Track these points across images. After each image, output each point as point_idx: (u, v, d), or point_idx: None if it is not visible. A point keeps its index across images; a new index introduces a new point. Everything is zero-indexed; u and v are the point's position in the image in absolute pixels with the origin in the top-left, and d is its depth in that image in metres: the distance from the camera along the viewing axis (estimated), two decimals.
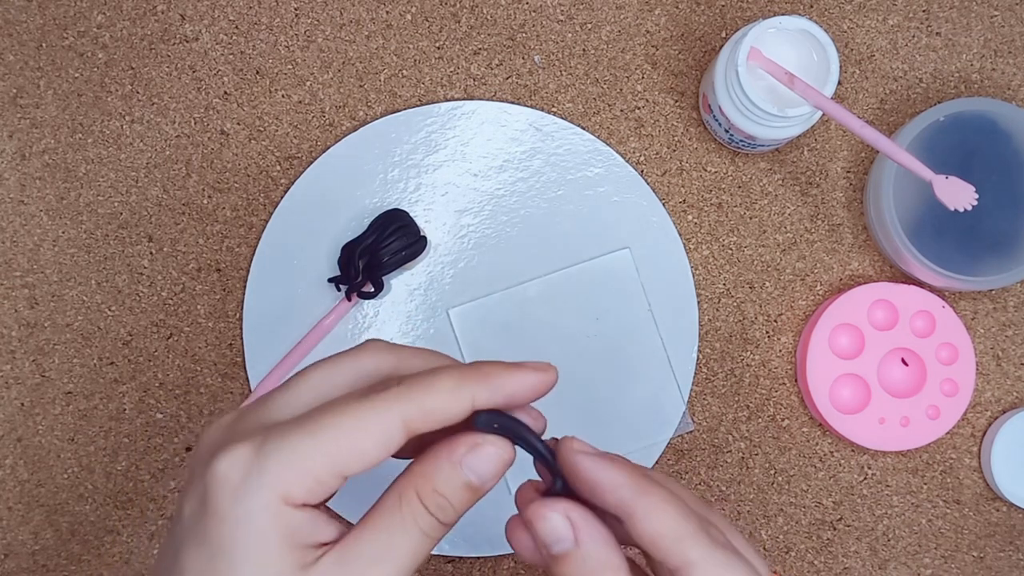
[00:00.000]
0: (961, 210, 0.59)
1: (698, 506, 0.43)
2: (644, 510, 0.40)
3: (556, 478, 0.42)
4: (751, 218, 0.69)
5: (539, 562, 0.43)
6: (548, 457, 0.42)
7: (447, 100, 0.69)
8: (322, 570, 0.39)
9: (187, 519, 0.40)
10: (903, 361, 0.68)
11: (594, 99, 0.69)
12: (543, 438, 0.43)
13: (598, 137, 0.69)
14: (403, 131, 0.68)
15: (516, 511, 0.44)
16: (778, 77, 0.60)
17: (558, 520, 0.41)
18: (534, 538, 0.42)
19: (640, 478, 0.41)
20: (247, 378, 0.68)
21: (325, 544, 0.40)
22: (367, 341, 0.45)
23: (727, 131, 0.65)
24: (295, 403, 0.42)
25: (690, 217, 0.69)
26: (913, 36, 0.70)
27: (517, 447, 0.42)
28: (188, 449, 0.68)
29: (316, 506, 0.40)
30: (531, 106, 0.69)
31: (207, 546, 0.39)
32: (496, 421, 0.41)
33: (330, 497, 0.40)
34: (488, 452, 0.41)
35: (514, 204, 0.69)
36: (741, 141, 0.65)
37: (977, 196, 0.59)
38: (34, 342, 0.68)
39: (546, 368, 0.43)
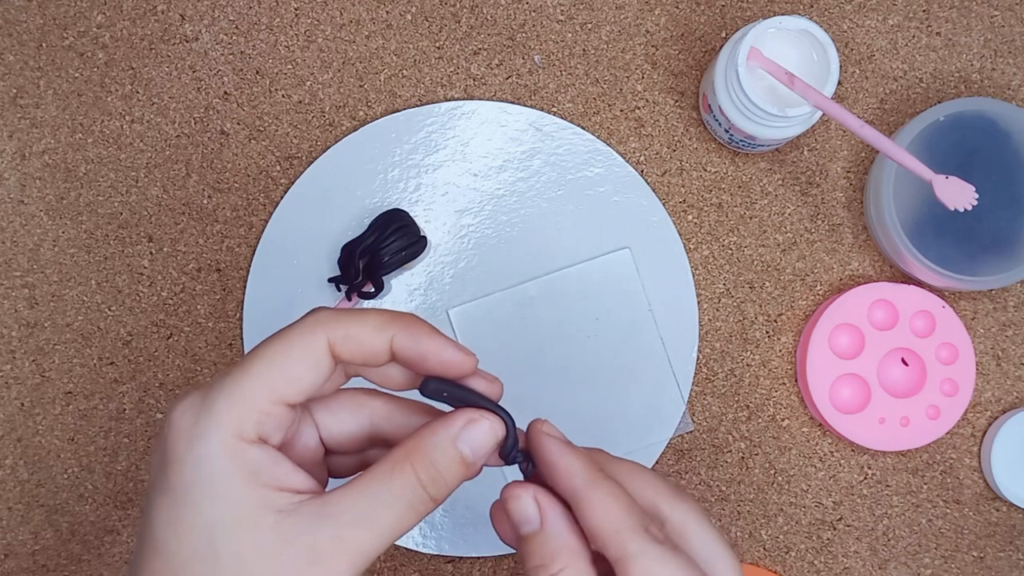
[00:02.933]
0: (961, 210, 0.59)
1: (661, 497, 0.44)
2: (590, 501, 0.41)
3: (514, 452, 0.44)
4: (751, 218, 0.69)
5: (515, 544, 0.45)
6: (508, 423, 0.43)
7: (447, 100, 0.69)
8: (301, 517, 0.40)
9: (153, 475, 0.41)
10: (903, 361, 0.68)
11: (594, 99, 0.69)
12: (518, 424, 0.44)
13: (598, 137, 0.69)
14: (403, 131, 0.68)
15: None
16: (778, 77, 0.60)
17: (528, 501, 0.43)
18: (509, 519, 0.43)
19: (594, 471, 0.42)
20: None
21: (300, 492, 0.40)
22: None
23: (727, 131, 0.65)
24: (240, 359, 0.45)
25: (690, 217, 0.69)
26: (913, 36, 0.70)
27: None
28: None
29: (276, 448, 0.41)
30: (531, 106, 0.69)
31: (171, 493, 0.40)
32: (445, 389, 0.43)
33: (288, 436, 0.42)
34: (483, 427, 0.42)
35: (514, 204, 0.69)
36: (741, 141, 0.65)
37: (977, 196, 0.59)
38: (34, 342, 0.68)
39: (466, 354, 0.43)
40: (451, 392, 0.42)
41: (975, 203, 0.59)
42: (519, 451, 0.43)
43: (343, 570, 0.40)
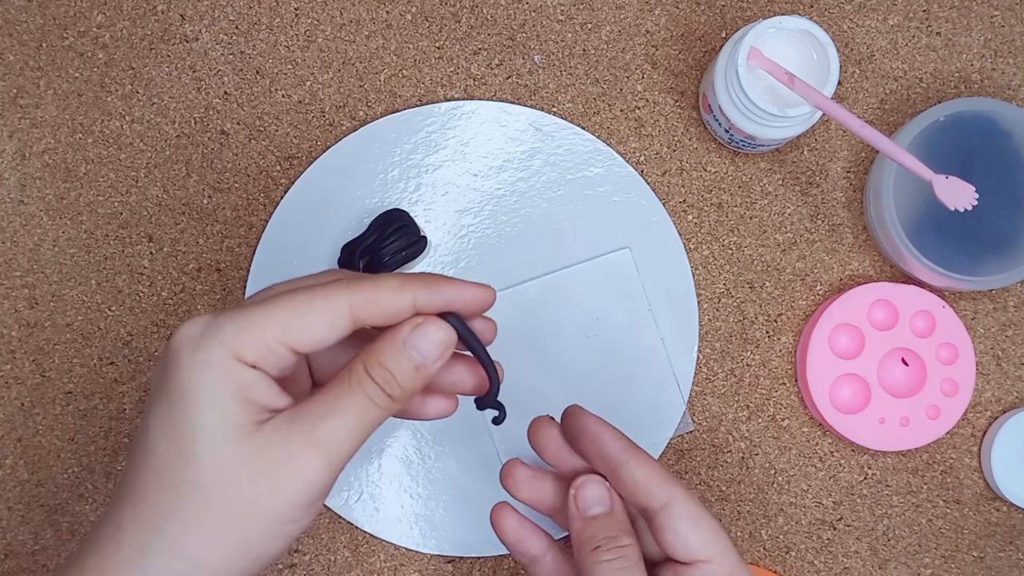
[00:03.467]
0: (961, 210, 0.59)
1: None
2: (636, 460, 0.49)
3: (493, 402, 0.49)
4: (751, 218, 0.69)
5: (519, 541, 0.52)
6: (488, 365, 0.47)
7: (447, 100, 0.69)
8: (275, 424, 0.43)
9: (154, 380, 0.44)
10: (903, 361, 0.68)
11: (594, 99, 0.69)
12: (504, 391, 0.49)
13: (598, 137, 0.69)
14: (403, 131, 0.68)
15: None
16: (778, 77, 0.60)
17: (602, 485, 0.50)
18: (575, 501, 0.50)
19: (627, 439, 0.50)
20: None
21: (280, 410, 0.44)
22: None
23: (727, 131, 0.65)
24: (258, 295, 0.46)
25: (690, 217, 0.69)
26: (913, 36, 0.70)
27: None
28: None
29: (271, 378, 0.43)
30: (531, 106, 0.69)
31: (168, 394, 0.42)
32: (459, 329, 0.46)
33: (283, 374, 0.44)
34: (428, 331, 0.44)
35: (514, 204, 0.69)
36: (741, 141, 0.65)
37: (977, 196, 0.59)
38: (34, 342, 0.68)
39: (484, 288, 0.46)
40: (453, 324, 0.45)
41: (975, 203, 0.59)
42: (498, 402, 0.48)
43: (317, 464, 0.43)
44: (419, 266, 0.68)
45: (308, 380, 0.49)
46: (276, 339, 0.42)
